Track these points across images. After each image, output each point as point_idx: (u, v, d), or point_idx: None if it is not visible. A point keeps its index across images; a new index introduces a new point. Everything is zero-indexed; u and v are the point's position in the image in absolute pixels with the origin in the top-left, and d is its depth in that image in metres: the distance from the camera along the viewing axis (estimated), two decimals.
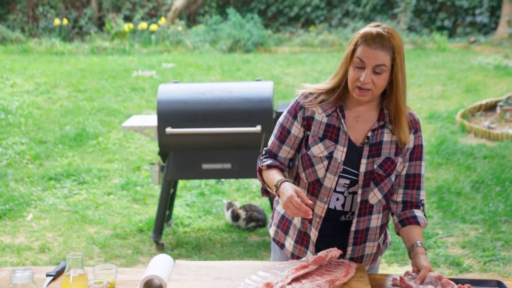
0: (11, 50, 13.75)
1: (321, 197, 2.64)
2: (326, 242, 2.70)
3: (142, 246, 5.22)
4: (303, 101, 2.67)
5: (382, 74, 2.51)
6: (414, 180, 2.67)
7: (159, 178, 5.29)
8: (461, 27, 15.58)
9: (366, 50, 2.50)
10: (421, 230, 2.66)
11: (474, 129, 7.81)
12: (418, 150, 2.66)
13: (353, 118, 2.63)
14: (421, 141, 2.67)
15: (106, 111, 8.98)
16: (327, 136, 2.62)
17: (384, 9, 16.26)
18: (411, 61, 12.28)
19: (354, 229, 2.66)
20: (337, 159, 2.60)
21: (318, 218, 2.66)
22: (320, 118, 2.63)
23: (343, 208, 2.66)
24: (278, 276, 2.38)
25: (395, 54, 2.52)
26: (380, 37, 2.51)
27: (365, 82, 2.50)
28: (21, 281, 2.26)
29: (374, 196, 2.63)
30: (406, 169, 2.66)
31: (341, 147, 2.60)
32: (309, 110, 2.64)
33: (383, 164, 2.61)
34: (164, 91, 5.04)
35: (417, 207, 2.68)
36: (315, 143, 2.62)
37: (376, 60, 2.49)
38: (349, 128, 2.63)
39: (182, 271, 2.50)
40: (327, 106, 2.64)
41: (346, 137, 2.61)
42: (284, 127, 2.69)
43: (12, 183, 6.59)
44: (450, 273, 4.63)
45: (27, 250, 5.14)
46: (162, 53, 13.77)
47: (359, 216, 2.64)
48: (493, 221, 5.46)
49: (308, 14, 16.51)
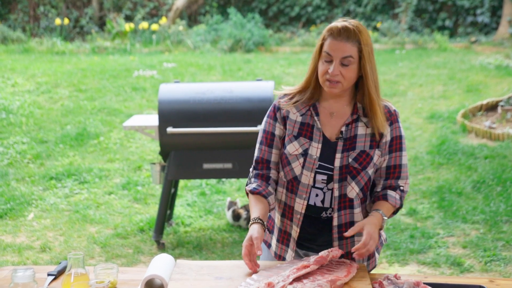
0: (12, 50, 13.76)
1: (300, 194, 2.69)
2: (308, 239, 2.75)
3: (143, 246, 5.22)
4: (278, 103, 2.73)
5: (350, 66, 2.56)
6: (395, 171, 2.71)
7: (160, 177, 5.29)
8: (462, 27, 15.58)
9: (333, 43, 2.57)
10: (389, 206, 2.69)
11: (475, 129, 7.81)
12: (396, 141, 2.69)
13: (327, 114, 2.68)
14: (399, 132, 2.70)
15: (107, 111, 8.98)
16: (302, 134, 2.67)
17: (385, 9, 16.26)
18: (412, 61, 12.28)
19: (336, 224, 2.69)
20: (312, 155, 2.65)
21: (298, 214, 2.71)
22: (294, 117, 2.69)
23: (323, 204, 2.69)
24: (279, 276, 2.38)
25: (362, 46, 2.57)
26: (345, 30, 2.56)
27: (333, 74, 2.55)
28: (22, 281, 2.26)
29: (352, 189, 2.66)
30: (386, 161, 2.71)
31: (315, 144, 2.65)
32: (284, 110, 2.70)
33: (358, 157, 2.65)
34: (165, 91, 5.04)
35: (393, 190, 2.71)
36: (290, 142, 2.68)
37: (342, 52, 2.55)
38: (323, 124, 2.68)
39: (184, 270, 2.51)
40: (301, 105, 2.70)
41: (320, 134, 2.66)
42: (268, 131, 2.73)
43: (13, 182, 6.59)
44: (451, 273, 4.63)
45: (28, 250, 5.15)
46: (163, 53, 13.78)
47: (339, 210, 2.68)
48: (494, 221, 5.46)
49: (309, 14, 16.51)
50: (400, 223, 5.52)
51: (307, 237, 2.75)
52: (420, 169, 6.84)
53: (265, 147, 2.73)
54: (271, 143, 2.72)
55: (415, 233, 5.30)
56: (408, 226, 5.46)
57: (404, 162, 2.72)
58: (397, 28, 15.30)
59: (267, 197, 2.66)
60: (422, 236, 5.25)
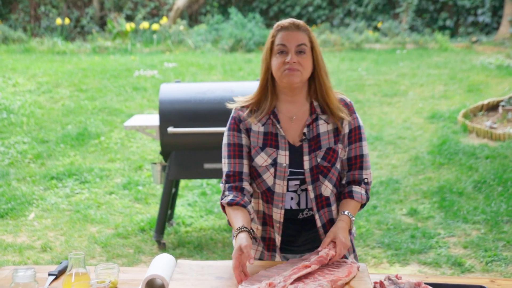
0: (13, 50, 13.77)
1: (276, 203, 2.69)
2: (290, 241, 2.76)
3: (144, 246, 5.22)
4: (238, 115, 2.71)
5: (305, 54, 2.61)
6: (356, 162, 2.73)
7: (161, 177, 5.29)
8: (463, 27, 15.58)
9: (285, 34, 2.61)
10: (355, 204, 2.71)
11: (476, 129, 7.81)
12: (355, 132, 2.72)
13: (287, 119, 2.69)
14: (358, 122, 2.72)
15: (108, 111, 8.99)
16: (267, 144, 2.67)
17: (386, 9, 16.26)
18: (413, 61, 12.28)
19: (320, 224, 2.71)
20: (282, 164, 2.65)
21: (278, 223, 2.71)
22: (257, 128, 2.69)
23: (299, 206, 2.71)
24: (280, 276, 2.38)
25: (311, 35, 2.64)
26: (293, 22, 2.64)
27: (292, 61, 2.58)
28: (23, 280, 2.26)
29: (326, 188, 2.69)
30: (347, 153, 2.72)
31: (283, 152, 2.66)
32: (246, 122, 2.69)
33: (326, 155, 2.67)
34: (166, 91, 5.04)
35: (359, 184, 2.73)
36: (258, 154, 2.68)
37: (296, 40, 2.60)
38: (285, 130, 2.68)
39: (184, 270, 2.50)
40: (261, 115, 2.68)
41: (285, 141, 2.66)
42: (234, 143, 2.70)
43: (14, 182, 6.60)
44: (452, 273, 4.63)
45: (29, 249, 5.15)
46: (164, 52, 13.78)
47: (318, 210, 2.70)
48: (495, 221, 5.45)
49: (310, 14, 16.51)
50: (401, 223, 5.52)
51: (285, 239, 2.75)
52: (421, 169, 6.83)
53: (234, 159, 2.69)
54: (240, 154, 2.69)
55: (416, 233, 5.30)
56: (409, 226, 5.46)
57: (365, 152, 2.74)
58: (398, 28, 15.30)
59: (246, 206, 2.62)
60: (423, 236, 5.25)
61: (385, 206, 5.94)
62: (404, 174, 6.72)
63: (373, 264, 4.83)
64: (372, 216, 5.72)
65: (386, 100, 9.60)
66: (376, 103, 9.46)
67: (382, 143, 7.72)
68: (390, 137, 7.92)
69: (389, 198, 6.12)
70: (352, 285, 2.39)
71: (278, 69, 2.60)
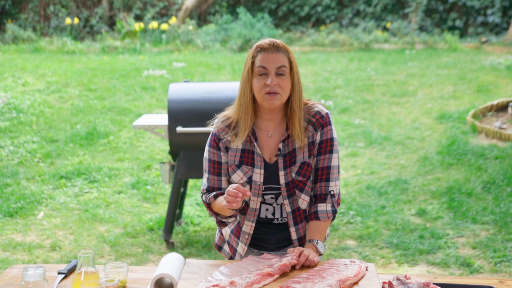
0: (23, 49, 13.82)
1: (248, 217, 2.76)
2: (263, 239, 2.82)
3: (152, 245, 5.23)
4: (218, 132, 2.75)
5: (285, 76, 2.63)
6: (323, 173, 2.75)
7: (169, 177, 5.30)
8: (472, 27, 15.52)
9: (265, 56, 2.63)
10: (322, 224, 2.73)
11: (485, 130, 7.78)
12: (327, 144, 2.74)
13: (266, 135, 2.73)
14: (331, 134, 2.74)
15: (116, 110, 9.01)
16: (244, 162, 2.72)
17: (395, 9, 16.22)
18: (422, 61, 12.25)
19: (296, 237, 2.78)
20: (257, 181, 2.71)
21: (246, 235, 2.79)
22: (235, 146, 2.73)
23: (274, 216, 2.78)
24: (243, 279, 2.38)
25: (290, 56, 2.65)
26: (273, 44, 2.65)
27: (272, 84, 2.60)
28: (33, 279, 2.27)
29: (304, 201, 2.74)
30: (315, 163, 2.75)
31: (258, 170, 2.71)
32: (225, 140, 2.73)
33: (300, 170, 2.71)
34: (175, 90, 5.05)
35: (324, 200, 2.74)
36: (234, 172, 2.73)
37: (276, 62, 2.62)
38: (263, 147, 2.72)
39: (193, 269, 2.51)
40: (240, 133, 2.71)
41: (261, 159, 2.71)
42: (214, 160, 2.76)
43: (23, 181, 6.62)
44: (460, 274, 4.61)
45: (38, 248, 5.17)
46: (173, 52, 13.80)
47: (296, 224, 2.75)
48: (504, 222, 5.44)
49: (319, 14, 16.50)
50: (409, 224, 5.51)
51: (260, 237, 2.82)
52: (429, 170, 6.82)
53: (213, 176, 2.77)
54: (218, 171, 2.76)
55: (425, 233, 5.29)
56: (418, 227, 5.45)
57: (333, 164, 2.75)
58: (407, 28, 15.26)
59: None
60: (431, 236, 5.24)
61: (393, 206, 5.93)
62: (413, 175, 6.71)
63: (382, 264, 4.83)
64: (380, 216, 5.71)
65: (395, 100, 9.59)
66: (385, 103, 9.44)
67: (391, 143, 7.70)
68: (398, 137, 7.90)
69: (397, 198, 6.11)
70: (361, 285, 2.39)
71: (259, 91, 2.63)
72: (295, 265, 2.52)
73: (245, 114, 2.68)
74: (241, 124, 2.69)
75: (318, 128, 2.71)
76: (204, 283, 2.35)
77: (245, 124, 2.69)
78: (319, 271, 2.45)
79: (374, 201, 6.06)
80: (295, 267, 2.52)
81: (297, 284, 2.31)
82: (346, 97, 9.74)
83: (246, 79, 2.66)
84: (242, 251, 2.81)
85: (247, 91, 2.66)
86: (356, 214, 5.75)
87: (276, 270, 2.45)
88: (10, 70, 11.13)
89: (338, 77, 10.85)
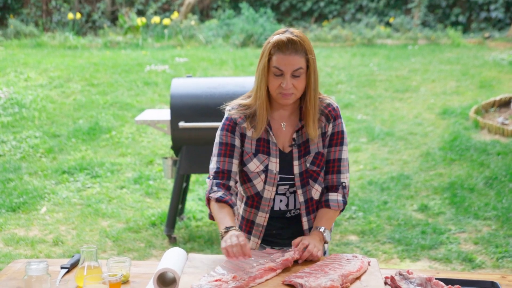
0: (25, 44, 13.82)
1: (262, 208, 2.75)
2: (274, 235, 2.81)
3: (155, 240, 5.24)
4: (234, 117, 2.73)
5: (300, 77, 2.60)
6: (334, 165, 2.76)
7: (171, 172, 5.31)
8: (475, 23, 15.48)
9: (282, 58, 2.59)
10: (332, 212, 2.74)
11: (488, 125, 7.77)
12: (338, 136, 2.75)
13: (279, 125, 2.73)
14: (341, 127, 2.76)
15: (119, 105, 9.01)
16: (260, 151, 2.71)
17: (397, 4, 16.19)
18: (424, 56, 12.23)
19: (307, 227, 2.78)
20: (273, 170, 2.71)
21: (260, 227, 2.78)
22: (250, 134, 2.72)
23: (288, 208, 2.77)
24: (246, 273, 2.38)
25: (308, 56, 2.61)
26: (292, 43, 2.59)
27: (287, 88, 2.59)
28: (36, 273, 2.28)
29: (316, 191, 2.75)
30: (326, 155, 2.76)
31: (274, 159, 2.71)
32: (242, 127, 2.72)
33: (315, 160, 2.72)
34: (177, 86, 5.05)
35: (336, 190, 2.76)
36: (250, 160, 2.72)
37: (293, 65, 2.58)
38: (277, 136, 2.72)
39: (196, 264, 2.52)
40: (255, 121, 2.70)
41: (276, 148, 2.71)
42: (226, 143, 2.73)
43: (26, 176, 6.63)
44: (462, 269, 4.62)
45: (41, 243, 5.18)
46: (175, 47, 13.79)
47: (308, 214, 2.76)
48: (506, 217, 5.44)
49: (322, 9, 16.47)
50: (411, 219, 5.51)
51: (272, 233, 2.81)
52: (432, 165, 6.82)
53: (224, 158, 2.72)
54: (231, 153, 2.72)
55: (427, 229, 5.30)
56: (420, 222, 5.45)
57: (344, 157, 2.77)
58: (410, 24, 15.23)
59: (233, 207, 2.66)
60: (433, 232, 5.24)
61: (396, 201, 5.93)
62: (415, 170, 6.70)
63: (384, 259, 4.83)
64: (382, 211, 5.71)
65: (398, 95, 9.58)
66: (388, 99, 9.43)
67: (393, 139, 7.70)
68: (401, 133, 7.90)
69: (400, 193, 6.11)
70: (363, 280, 2.40)
71: (274, 90, 2.63)
72: (298, 259, 2.52)
73: (261, 109, 2.67)
74: (259, 118, 2.69)
75: (330, 120, 2.72)
76: (207, 277, 2.35)
77: (261, 118, 2.68)
78: (321, 266, 2.45)
79: (376, 196, 6.07)
80: (298, 262, 2.53)
81: (299, 279, 2.32)
82: (349, 92, 9.74)
83: (262, 74, 2.63)
84: (256, 246, 2.79)
85: (263, 86, 2.65)
86: (358, 209, 5.76)
87: (279, 265, 2.45)
88: (13, 65, 11.14)
89: (341, 73, 10.84)
